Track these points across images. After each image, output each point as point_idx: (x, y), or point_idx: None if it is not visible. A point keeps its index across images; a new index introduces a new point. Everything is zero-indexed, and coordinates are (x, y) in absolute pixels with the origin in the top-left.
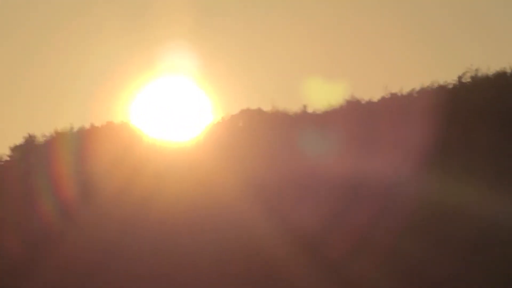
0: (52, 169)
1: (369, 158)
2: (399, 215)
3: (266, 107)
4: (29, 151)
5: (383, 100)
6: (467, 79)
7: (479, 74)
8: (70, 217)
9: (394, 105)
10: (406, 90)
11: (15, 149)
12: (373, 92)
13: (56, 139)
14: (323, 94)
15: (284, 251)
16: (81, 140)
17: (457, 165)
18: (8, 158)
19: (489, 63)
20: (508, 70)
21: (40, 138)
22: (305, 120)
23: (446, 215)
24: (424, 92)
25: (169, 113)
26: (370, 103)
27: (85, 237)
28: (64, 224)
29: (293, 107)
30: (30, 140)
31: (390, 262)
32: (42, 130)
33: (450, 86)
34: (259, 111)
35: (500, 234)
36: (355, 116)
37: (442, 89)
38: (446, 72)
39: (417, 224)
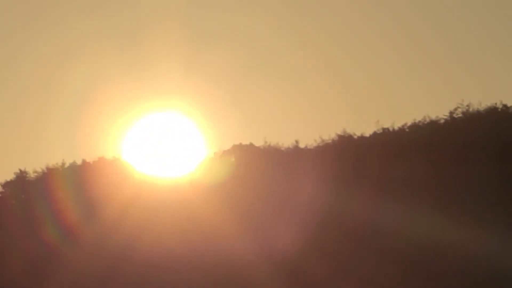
0: (43, 205)
1: (357, 192)
2: (380, 247)
3: (258, 142)
4: (21, 187)
5: (375, 135)
6: (458, 114)
7: (471, 109)
8: (60, 253)
9: (385, 140)
10: (398, 125)
11: (6, 185)
12: (365, 127)
13: (48, 175)
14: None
15: (275, 283)
16: (72, 176)
17: (447, 199)
18: None
19: (480, 99)
20: (499, 105)
21: (31, 174)
22: (297, 155)
23: (428, 248)
24: (416, 127)
25: (162, 149)
26: (362, 138)
27: (74, 272)
28: (53, 261)
29: (285, 142)
30: (21, 176)
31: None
32: (34, 166)
33: (442, 121)
34: (251, 146)
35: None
36: (347, 151)
37: (434, 124)
38: (438, 107)
39: (396, 256)
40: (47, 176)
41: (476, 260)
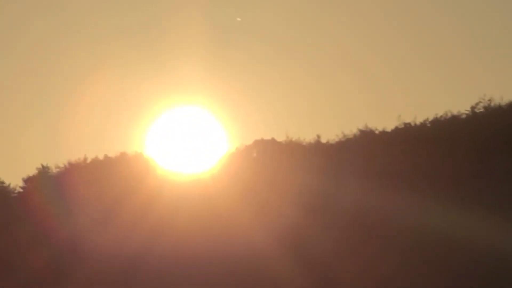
0: (65, 199)
1: (378, 187)
2: (403, 244)
3: (280, 137)
4: (43, 182)
5: (396, 130)
6: (480, 109)
7: (492, 104)
8: (83, 247)
9: (407, 135)
10: (419, 120)
11: (28, 180)
12: (386, 122)
13: (69, 170)
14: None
15: (297, 281)
16: (93, 172)
17: (470, 193)
18: (21, 190)
19: (502, 93)
20: None
21: (53, 169)
22: (319, 150)
23: (451, 244)
24: (437, 122)
25: (184, 144)
26: (383, 133)
27: (96, 266)
28: (77, 254)
29: (307, 137)
30: (43, 171)
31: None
32: (56, 161)
33: (464, 116)
34: (273, 141)
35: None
36: (368, 146)
37: (455, 119)
38: (460, 102)
39: (417, 251)
40: (69, 171)
41: (498, 255)
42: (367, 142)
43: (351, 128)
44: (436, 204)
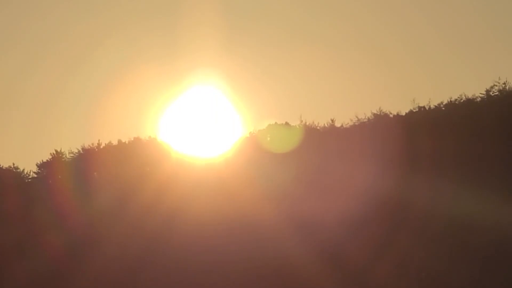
0: (79, 184)
1: (395, 172)
2: (423, 229)
3: (294, 122)
4: (56, 168)
5: (411, 113)
6: (495, 92)
7: (507, 87)
8: (98, 232)
9: (421, 118)
10: (434, 103)
11: (42, 165)
12: (401, 106)
13: (83, 155)
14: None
15: (313, 266)
16: (107, 157)
17: (486, 179)
18: (35, 175)
19: None
20: None
21: (67, 155)
22: (333, 134)
23: (471, 227)
24: (452, 106)
25: (197, 128)
26: (398, 117)
27: (113, 251)
28: (91, 240)
29: (321, 121)
30: (57, 157)
31: (410, 272)
32: (69, 146)
33: (478, 100)
34: (287, 126)
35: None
36: (383, 130)
37: (470, 102)
38: (474, 85)
39: (438, 237)
40: (83, 156)
41: None
42: (382, 125)
43: (365, 112)
44: (451, 188)
